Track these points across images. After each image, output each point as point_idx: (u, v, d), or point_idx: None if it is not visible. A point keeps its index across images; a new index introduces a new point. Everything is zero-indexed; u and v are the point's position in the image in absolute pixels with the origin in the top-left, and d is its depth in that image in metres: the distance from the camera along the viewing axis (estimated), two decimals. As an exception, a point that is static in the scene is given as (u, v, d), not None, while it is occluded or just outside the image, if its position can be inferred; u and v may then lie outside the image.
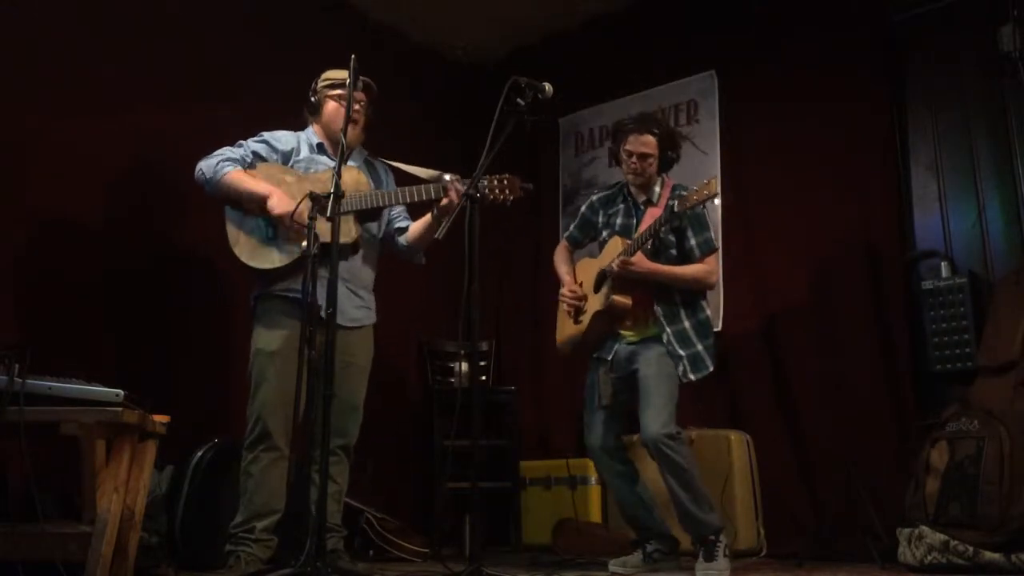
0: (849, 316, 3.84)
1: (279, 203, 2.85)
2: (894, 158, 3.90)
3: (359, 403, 3.02)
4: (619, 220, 3.29)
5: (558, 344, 3.41)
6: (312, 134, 3.12)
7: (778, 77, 4.22)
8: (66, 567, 2.17)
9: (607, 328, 3.22)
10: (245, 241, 2.92)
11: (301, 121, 3.15)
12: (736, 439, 3.72)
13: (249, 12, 4.08)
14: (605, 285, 3.17)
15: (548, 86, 2.74)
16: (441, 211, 2.89)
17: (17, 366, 2.20)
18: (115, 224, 3.51)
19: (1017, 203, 3.57)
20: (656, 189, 3.24)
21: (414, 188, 2.92)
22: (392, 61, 4.65)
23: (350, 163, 2.98)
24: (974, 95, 3.75)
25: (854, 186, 3.91)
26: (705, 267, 3.16)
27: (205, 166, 2.94)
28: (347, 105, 2.67)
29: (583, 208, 3.47)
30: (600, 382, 3.20)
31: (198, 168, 2.95)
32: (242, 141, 3.04)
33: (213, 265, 3.54)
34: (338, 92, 3.04)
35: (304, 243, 2.79)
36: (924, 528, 2.95)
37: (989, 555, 2.78)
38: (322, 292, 2.51)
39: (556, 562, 3.65)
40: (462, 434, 3.15)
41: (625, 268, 3.06)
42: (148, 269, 3.57)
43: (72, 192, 3.36)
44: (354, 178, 2.92)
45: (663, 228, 3.03)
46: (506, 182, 2.79)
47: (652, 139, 3.19)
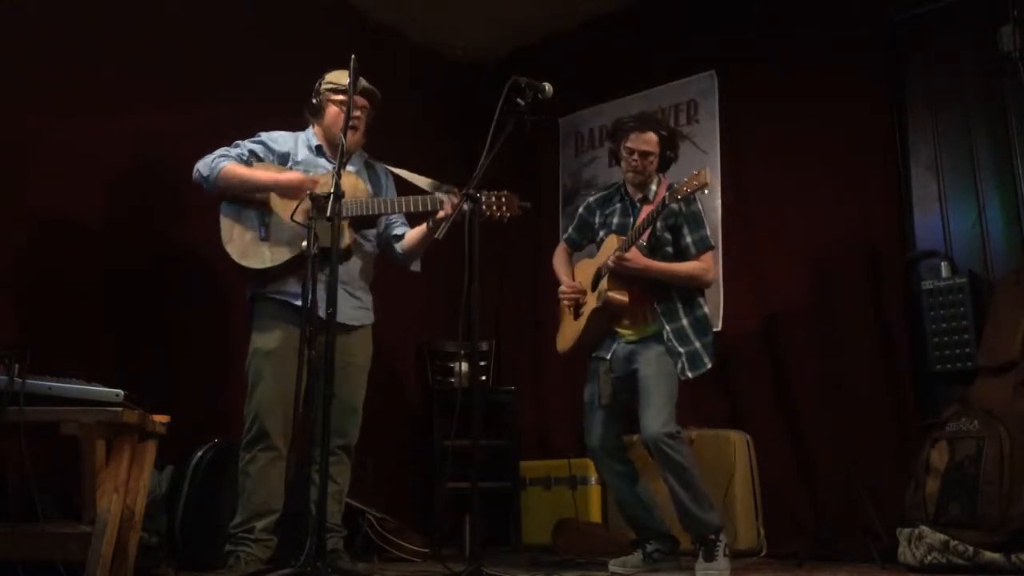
0: (849, 316, 3.84)
1: (286, 175, 2.88)
2: (894, 158, 3.90)
3: (358, 404, 3.02)
4: (616, 219, 3.29)
5: (559, 349, 3.41)
6: (312, 135, 3.12)
7: (778, 77, 4.22)
8: (66, 567, 2.17)
9: (605, 326, 3.21)
10: (238, 239, 2.92)
11: (301, 121, 3.15)
12: (736, 439, 3.72)
13: (249, 12, 4.08)
14: (602, 282, 3.18)
15: (548, 86, 2.75)
16: (437, 222, 2.89)
17: (17, 366, 2.20)
18: (115, 224, 3.51)
19: (1017, 203, 3.57)
20: (653, 188, 3.24)
21: (410, 199, 2.92)
22: (392, 61, 4.65)
23: (349, 168, 2.97)
24: (974, 95, 3.75)
25: (854, 186, 3.91)
26: (701, 264, 3.16)
27: (202, 165, 2.95)
28: (347, 108, 2.67)
29: (580, 210, 3.47)
30: (600, 382, 3.19)
31: (195, 169, 2.95)
32: (238, 142, 3.04)
33: (213, 265, 3.53)
34: (340, 97, 3.02)
35: (297, 246, 2.81)
36: (924, 528, 2.95)
37: (989, 555, 2.78)
38: (318, 294, 2.51)
39: (556, 562, 3.65)
40: (462, 434, 3.14)
41: (620, 264, 3.06)
42: (148, 269, 3.57)
43: (72, 192, 3.36)
44: (352, 184, 2.90)
45: (657, 221, 3.03)
46: (504, 199, 2.80)
47: (654, 137, 3.20)
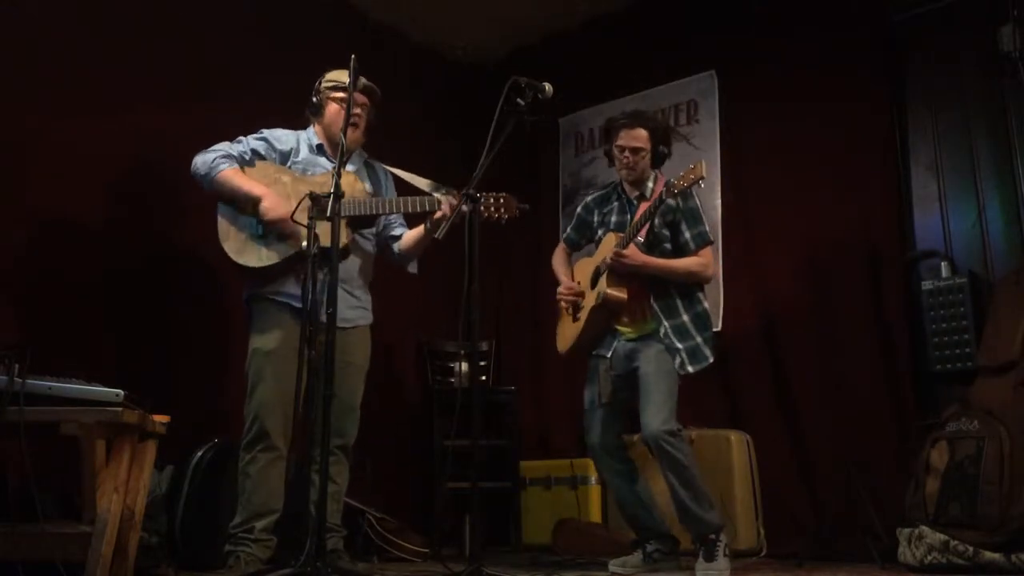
0: (849, 316, 3.84)
1: (272, 207, 2.85)
2: (894, 158, 3.90)
3: (357, 403, 3.02)
4: (613, 217, 3.29)
5: (560, 350, 3.40)
6: (312, 134, 3.12)
7: (778, 77, 4.22)
8: (66, 567, 2.17)
9: (605, 324, 3.21)
10: (235, 237, 2.92)
11: (301, 121, 3.15)
12: (736, 439, 3.72)
13: (249, 12, 4.08)
14: (600, 279, 3.17)
15: (548, 86, 2.75)
16: (435, 224, 2.89)
17: (17, 366, 2.20)
18: (115, 224, 3.51)
19: (1017, 203, 3.57)
20: (649, 184, 3.23)
21: (409, 199, 2.92)
22: (392, 61, 4.65)
23: (348, 167, 2.97)
24: (974, 95, 3.75)
25: (854, 186, 3.91)
26: (700, 260, 3.15)
27: (200, 161, 2.94)
28: (347, 107, 2.68)
29: (578, 209, 3.47)
30: (600, 380, 3.19)
31: (194, 163, 2.94)
32: (242, 137, 3.04)
33: (213, 265, 3.52)
34: (340, 94, 3.02)
35: (293, 244, 2.81)
36: (924, 528, 2.95)
37: (989, 555, 2.78)
38: (318, 293, 2.51)
39: (556, 562, 3.65)
40: (462, 434, 3.14)
41: (618, 261, 3.06)
42: (148, 269, 3.57)
43: (72, 192, 3.36)
44: (351, 184, 2.90)
45: (655, 217, 3.03)
46: (502, 201, 2.80)
47: (644, 132, 3.19)
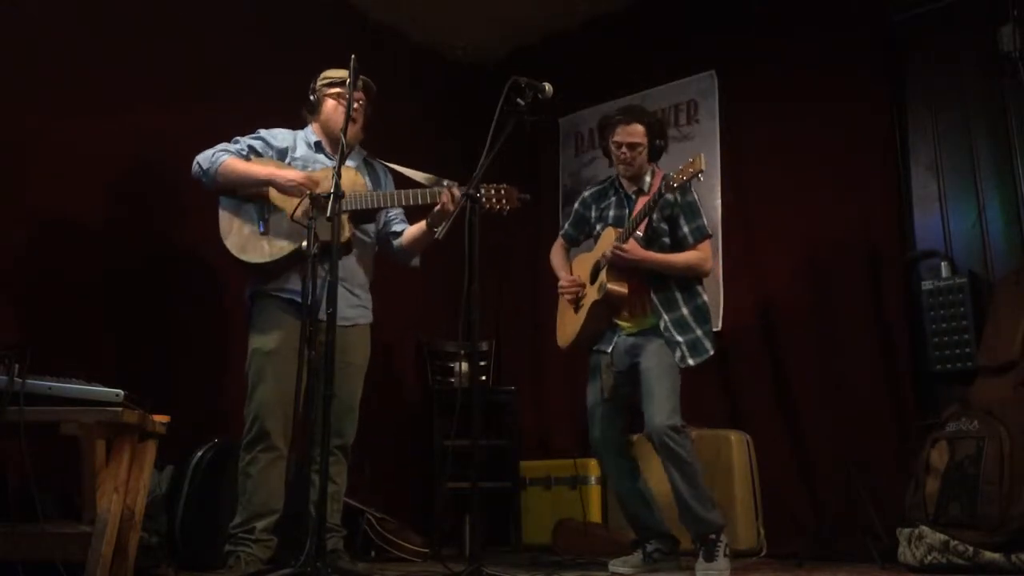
0: (849, 316, 3.84)
1: (286, 173, 2.87)
2: (894, 158, 3.90)
3: (355, 403, 3.01)
4: (611, 212, 3.29)
5: (560, 344, 3.40)
6: (310, 132, 3.12)
7: (778, 77, 4.22)
8: (66, 567, 2.17)
9: (605, 319, 3.21)
10: (237, 233, 2.91)
11: (301, 122, 3.15)
12: (736, 439, 3.72)
13: (249, 12, 4.08)
14: (600, 274, 3.17)
15: (548, 86, 2.74)
16: (435, 217, 2.88)
17: (17, 366, 2.20)
18: (115, 224, 3.51)
19: (1017, 203, 3.57)
20: (647, 179, 3.23)
21: (410, 192, 2.91)
22: (392, 61, 4.65)
23: (348, 163, 2.97)
24: (974, 95, 3.75)
25: (854, 186, 3.91)
26: (699, 254, 3.15)
27: (202, 159, 2.94)
28: (347, 104, 2.68)
29: (576, 205, 3.46)
30: (601, 375, 3.19)
31: (195, 162, 2.95)
32: (238, 138, 3.04)
33: (213, 265, 3.53)
34: (337, 91, 3.03)
35: (298, 239, 2.81)
36: (924, 528, 2.95)
37: (989, 555, 2.78)
38: (319, 292, 2.51)
39: (556, 562, 3.65)
40: (462, 434, 3.14)
41: (618, 255, 3.06)
42: (148, 269, 3.57)
43: (72, 192, 3.36)
44: (351, 178, 2.91)
45: (654, 212, 3.03)
46: (503, 192, 2.79)
47: (640, 128, 3.18)
